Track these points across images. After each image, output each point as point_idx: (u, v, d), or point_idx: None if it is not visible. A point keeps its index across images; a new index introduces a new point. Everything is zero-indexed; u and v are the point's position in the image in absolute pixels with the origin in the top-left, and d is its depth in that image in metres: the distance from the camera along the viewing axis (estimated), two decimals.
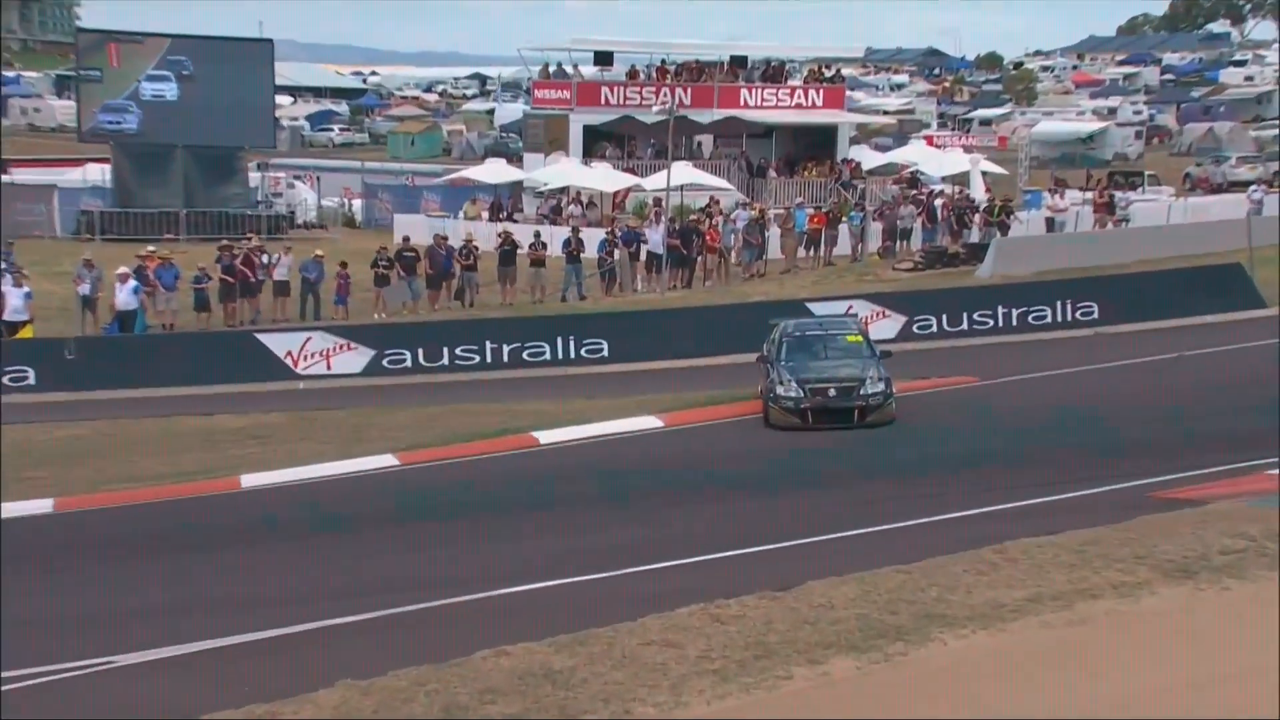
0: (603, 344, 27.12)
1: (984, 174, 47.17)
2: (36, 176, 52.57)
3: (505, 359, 26.72)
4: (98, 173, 49.51)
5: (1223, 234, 34.50)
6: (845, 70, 59.49)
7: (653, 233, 36.75)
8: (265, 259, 33.05)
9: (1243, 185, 51.00)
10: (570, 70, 53.23)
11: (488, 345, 26.88)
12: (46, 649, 10.77)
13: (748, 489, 16.62)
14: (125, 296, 30.16)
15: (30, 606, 12.46)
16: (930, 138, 72.43)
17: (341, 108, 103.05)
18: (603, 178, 46.09)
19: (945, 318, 28.07)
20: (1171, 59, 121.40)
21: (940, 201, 42.23)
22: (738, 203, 42.92)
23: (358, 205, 55.56)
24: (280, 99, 68.80)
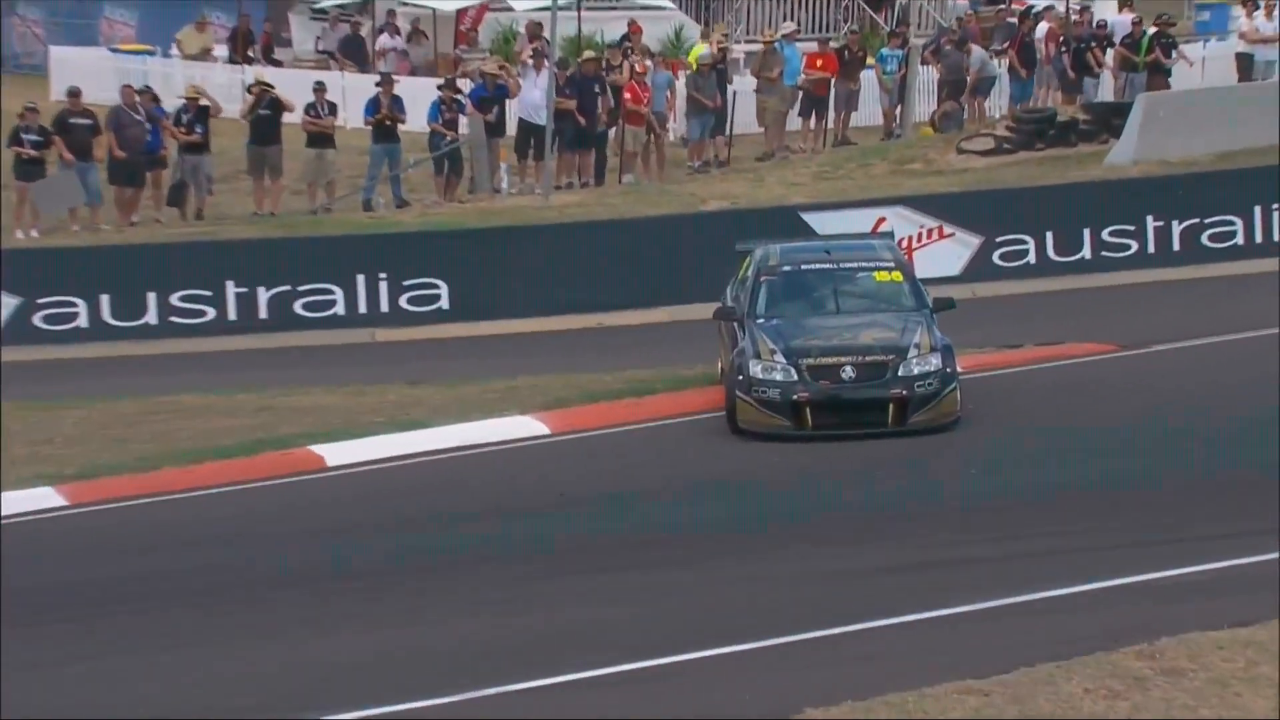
0: (439, 287, 23.00)
1: None
2: None
3: (263, 313, 22.83)
4: None
5: None
6: None
7: (529, 87, 28.50)
8: None
9: None
10: None
11: (229, 288, 22.70)
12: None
13: (698, 549, 13.76)
14: None
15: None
16: None
17: None
18: None
19: (1053, 238, 23.87)
20: None
21: (1045, 27, 32.49)
22: (679, 31, 35.64)
23: None
24: None
